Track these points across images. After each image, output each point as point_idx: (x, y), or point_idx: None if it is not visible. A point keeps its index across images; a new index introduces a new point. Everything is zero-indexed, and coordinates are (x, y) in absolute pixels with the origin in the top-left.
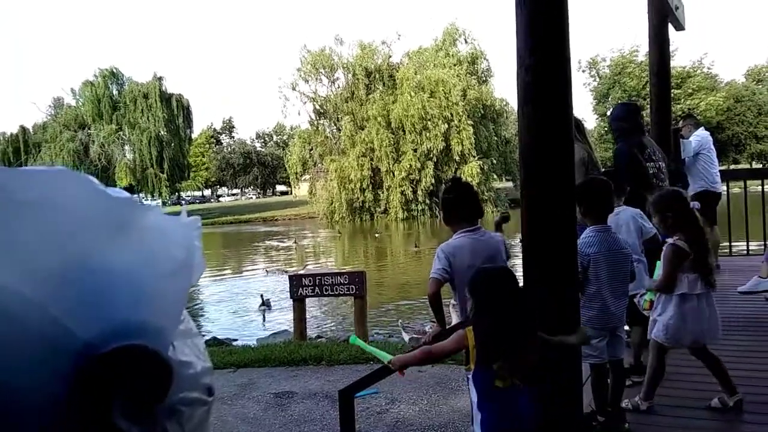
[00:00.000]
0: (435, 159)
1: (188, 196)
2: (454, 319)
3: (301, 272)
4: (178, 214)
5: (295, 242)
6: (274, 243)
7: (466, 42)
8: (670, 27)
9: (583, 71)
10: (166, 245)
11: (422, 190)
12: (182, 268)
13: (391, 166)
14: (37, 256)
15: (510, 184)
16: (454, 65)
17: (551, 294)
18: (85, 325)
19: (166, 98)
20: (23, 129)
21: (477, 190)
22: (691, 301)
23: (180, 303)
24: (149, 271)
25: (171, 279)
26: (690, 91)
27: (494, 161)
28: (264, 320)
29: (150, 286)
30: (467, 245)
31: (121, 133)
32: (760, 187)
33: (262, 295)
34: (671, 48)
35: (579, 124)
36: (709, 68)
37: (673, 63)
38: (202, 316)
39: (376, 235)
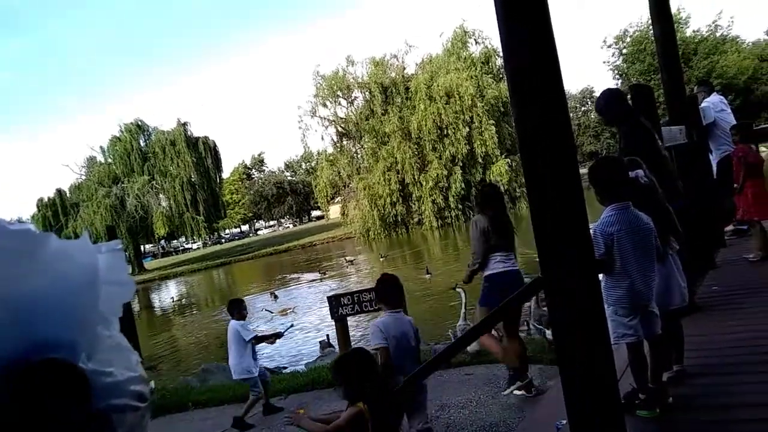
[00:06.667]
0: (461, 163)
1: (227, 234)
2: None
3: (339, 292)
4: (78, 236)
5: (323, 273)
6: (302, 275)
7: (476, 43)
8: None
9: (609, 47)
10: (69, 267)
11: (453, 196)
12: (87, 286)
13: (417, 176)
14: None
15: None
16: (468, 67)
17: (569, 277)
18: (7, 345)
19: (192, 142)
20: (59, 192)
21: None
22: None
23: (90, 316)
24: (54, 291)
25: (77, 297)
26: (705, 53)
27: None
28: None
29: (56, 305)
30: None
31: (153, 182)
32: None
33: (324, 341)
34: (684, 14)
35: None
36: (728, 28)
37: (688, 32)
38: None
39: (381, 258)
